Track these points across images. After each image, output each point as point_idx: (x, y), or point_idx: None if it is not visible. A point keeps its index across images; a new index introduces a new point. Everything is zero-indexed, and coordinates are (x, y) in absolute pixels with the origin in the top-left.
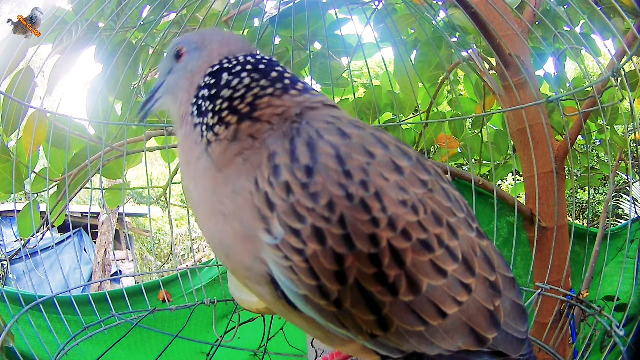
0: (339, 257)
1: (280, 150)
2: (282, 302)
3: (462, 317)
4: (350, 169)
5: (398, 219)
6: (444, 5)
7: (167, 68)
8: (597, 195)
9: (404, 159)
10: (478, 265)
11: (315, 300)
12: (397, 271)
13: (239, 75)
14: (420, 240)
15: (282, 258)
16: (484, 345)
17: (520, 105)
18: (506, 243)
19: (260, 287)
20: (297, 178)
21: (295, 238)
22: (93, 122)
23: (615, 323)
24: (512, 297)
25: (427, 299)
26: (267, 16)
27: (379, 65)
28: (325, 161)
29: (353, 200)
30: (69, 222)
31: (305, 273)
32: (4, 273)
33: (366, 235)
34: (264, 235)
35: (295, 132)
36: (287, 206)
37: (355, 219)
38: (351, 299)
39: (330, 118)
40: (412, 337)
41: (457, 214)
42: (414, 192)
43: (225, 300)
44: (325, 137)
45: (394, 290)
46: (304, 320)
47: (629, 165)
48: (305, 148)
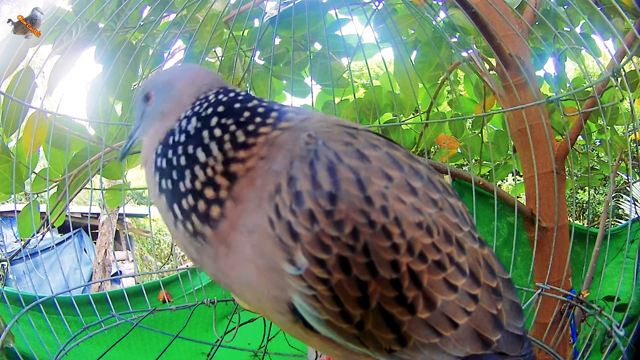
0: (362, 283)
1: (301, 175)
2: (300, 325)
3: (471, 324)
4: (370, 194)
5: (415, 242)
6: (444, 5)
7: (139, 112)
8: (597, 195)
9: (417, 179)
10: (482, 275)
11: (336, 324)
12: (415, 292)
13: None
14: (434, 261)
15: (306, 287)
16: (489, 348)
17: (520, 105)
18: (506, 243)
19: (281, 315)
20: (320, 206)
21: (320, 268)
22: (93, 122)
23: (615, 323)
24: (509, 296)
25: (441, 314)
26: (267, 16)
27: (379, 66)
28: (347, 187)
29: (375, 227)
30: (69, 222)
31: (328, 300)
32: (4, 273)
33: (388, 262)
34: (287, 265)
35: (314, 155)
36: (311, 236)
37: (378, 246)
38: (372, 321)
39: (347, 137)
40: (427, 349)
41: (463, 228)
42: (428, 213)
43: (225, 300)
44: (345, 161)
45: (412, 310)
46: (322, 340)
47: (629, 165)
48: (326, 173)
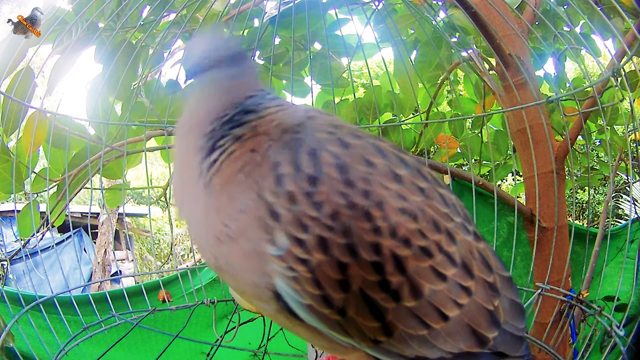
0: (343, 265)
1: (283, 160)
2: (284, 313)
3: (463, 318)
4: (352, 178)
5: (399, 227)
6: (444, 5)
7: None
8: (597, 195)
9: (403, 168)
10: (476, 267)
11: (319, 309)
12: (399, 278)
13: None
14: (420, 247)
15: (287, 269)
16: (485, 346)
17: (520, 105)
18: (506, 243)
19: (264, 302)
20: (301, 187)
21: (300, 248)
22: (93, 122)
23: (615, 323)
24: (510, 295)
25: (428, 303)
26: (267, 16)
27: (379, 65)
28: (328, 171)
29: (356, 209)
30: (69, 222)
31: (309, 283)
32: (4, 273)
33: (369, 244)
34: (268, 246)
35: (297, 143)
36: (291, 216)
37: (358, 228)
38: (355, 307)
39: (330, 128)
40: (415, 341)
41: (455, 219)
42: (413, 200)
43: (225, 300)
44: (327, 147)
45: (397, 297)
46: (307, 330)
47: (629, 165)
48: (308, 158)
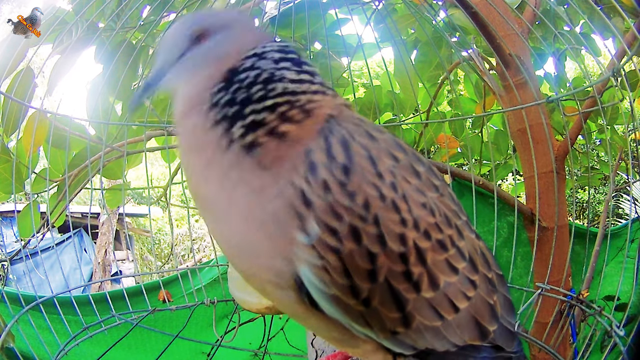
0: (373, 255)
1: (316, 148)
2: (304, 302)
3: (470, 310)
4: (381, 170)
5: (420, 220)
6: (444, 5)
7: (177, 50)
8: (597, 195)
9: (420, 165)
10: (479, 263)
11: (344, 300)
12: (420, 269)
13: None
14: (437, 240)
15: (315, 257)
16: (486, 339)
17: (520, 105)
18: (506, 243)
19: (283, 290)
20: (335, 176)
21: (332, 236)
22: (93, 122)
23: (615, 323)
24: (503, 292)
25: (444, 295)
26: (267, 16)
27: (379, 65)
28: (360, 161)
29: (385, 200)
30: (69, 222)
31: (338, 272)
32: (4, 273)
33: (397, 235)
34: (298, 233)
35: (328, 131)
36: (325, 204)
37: (388, 219)
38: (379, 297)
39: (356, 120)
40: (429, 332)
41: (462, 217)
42: (430, 196)
43: (225, 300)
44: (357, 138)
45: (418, 287)
46: (321, 321)
47: (629, 165)
48: (339, 147)
